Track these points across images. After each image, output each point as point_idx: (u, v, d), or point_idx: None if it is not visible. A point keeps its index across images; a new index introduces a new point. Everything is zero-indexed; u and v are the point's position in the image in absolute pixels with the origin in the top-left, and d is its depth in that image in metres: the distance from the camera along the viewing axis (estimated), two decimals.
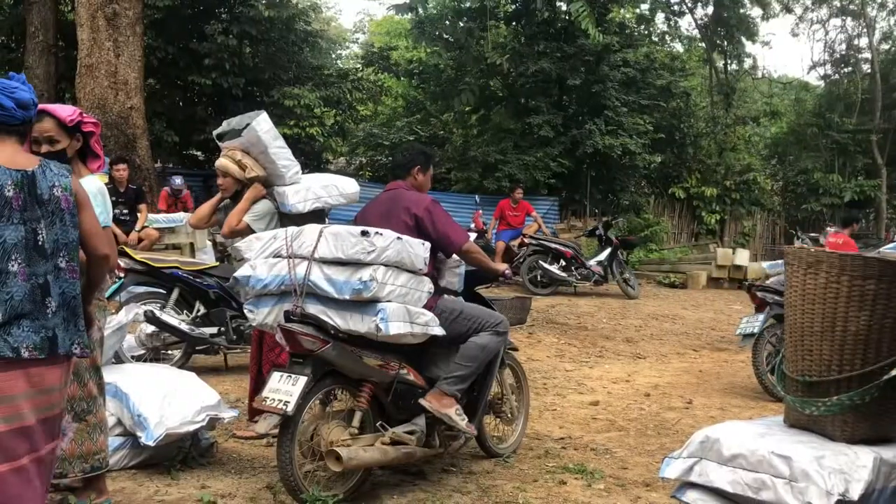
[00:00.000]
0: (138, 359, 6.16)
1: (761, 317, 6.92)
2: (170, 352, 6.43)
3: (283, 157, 5.04)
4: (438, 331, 3.94)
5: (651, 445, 5.29)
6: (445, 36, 18.39)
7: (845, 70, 24.29)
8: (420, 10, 17.42)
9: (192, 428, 4.20)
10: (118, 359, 5.29)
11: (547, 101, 17.80)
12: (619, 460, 4.92)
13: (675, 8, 22.38)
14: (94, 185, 3.57)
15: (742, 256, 16.55)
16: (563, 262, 12.65)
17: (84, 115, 3.58)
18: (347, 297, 3.68)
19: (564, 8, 17.88)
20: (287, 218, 5.05)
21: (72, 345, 2.82)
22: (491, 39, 17.49)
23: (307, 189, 5.07)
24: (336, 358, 3.76)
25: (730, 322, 11.10)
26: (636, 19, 20.55)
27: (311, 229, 3.91)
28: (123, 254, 6.43)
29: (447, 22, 18.34)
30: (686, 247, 19.25)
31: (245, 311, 4.16)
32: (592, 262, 12.80)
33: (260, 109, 5.23)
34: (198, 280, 6.52)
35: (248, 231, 4.92)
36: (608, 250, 13.07)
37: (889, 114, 21.94)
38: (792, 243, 17.21)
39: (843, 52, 24.46)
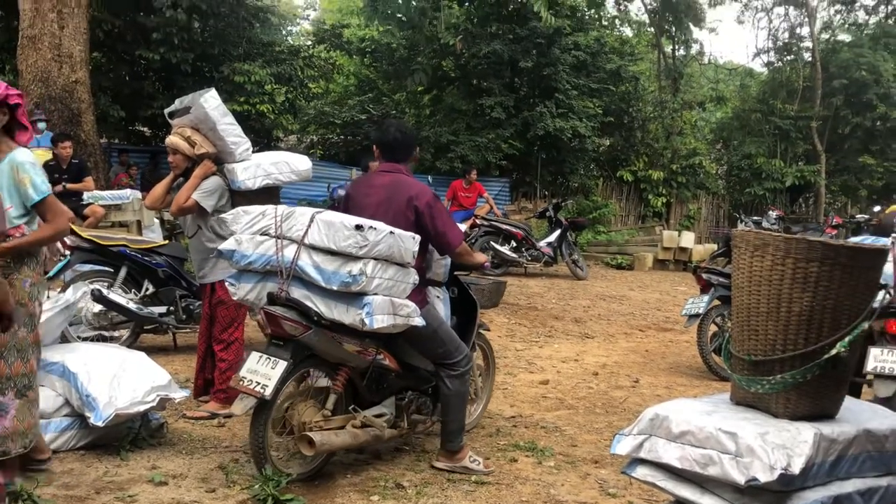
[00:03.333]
0: (85, 339, 6.06)
1: (706, 298, 7.08)
2: (117, 332, 6.34)
3: (232, 133, 5.00)
4: (419, 321, 3.94)
5: (599, 423, 5.40)
6: (398, 15, 18.24)
7: (788, 58, 24.81)
8: None
9: (142, 408, 4.16)
10: (65, 338, 5.19)
11: (499, 82, 17.83)
12: (568, 438, 5.02)
13: None
14: (24, 156, 3.53)
15: (687, 239, 16.87)
16: (513, 243, 12.75)
17: (9, 87, 3.51)
18: (335, 287, 3.63)
19: None
20: (239, 195, 5.01)
21: None
22: (444, 20, 17.42)
23: (257, 166, 5.03)
24: (317, 343, 3.76)
25: (675, 303, 11.34)
26: (587, 3, 20.67)
27: (303, 212, 3.84)
28: (70, 231, 6.29)
29: (400, 1, 18.20)
30: (633, 229, 19.54)
31: (226, 283, 4.13)
32: (542, 244, 12.93)
33: (209, 85, 5.19)
34: (146, 258, 6.42)
35: (198, 208, 4.90)
36: (558, 232, 13.22)
37: (828, 101, 22.50)
38: (736, 226, 17.60)
39: (786, 41, 24.98)
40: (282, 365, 3.68)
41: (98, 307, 6.09)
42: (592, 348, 8.14)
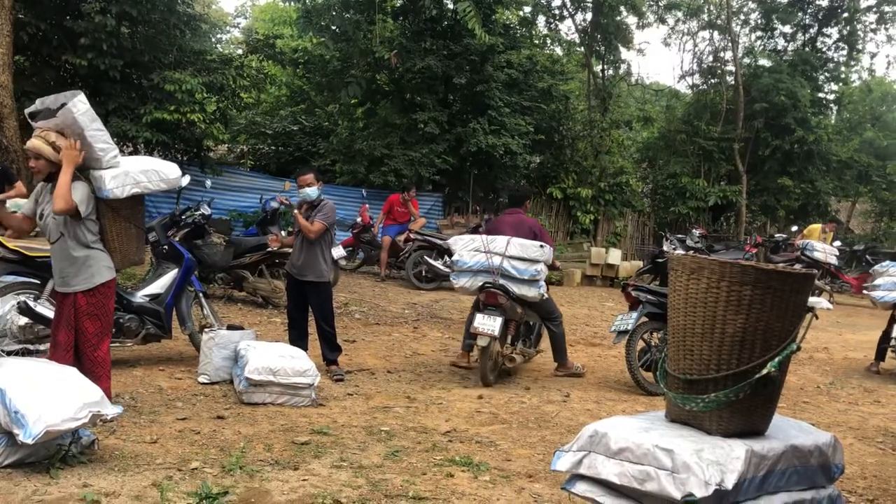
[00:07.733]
0: (10, 353, 5.86)
1: (634, 315, 7.23)
2: (43, 345, 6.13)
3: (101, 139, 4.81)
4: (546, 294, 7.26)
5: (532, 437, 5.49)
6: (333, 27, 18.19)
7: (712, 81, 25.66)
8: (307, 0, 17.19)
9: (73, 425, 4.06)
10: None
11: (433, 98, 17.94)
12: (502, 452, 5.09)
13: (556, 12, 23.08)
14: None
15: (614, 256, 17.25)
16: (447, 258, 12.82)
17: None
18: (526, 277, 6.88)
19: (451, 6, 18.05)
20: (104, 203, 4.85)
21: None
22: (378, 33, 17.45)
23: (126, 174, 4.85)
24: (509, 308, 6.91)
25: (602, 318, 11.58)
26: (519, 21, 20.99)
27: (501, 239, 6.98)
28: None
29: (334, 13, 18.15)
30: (562, 245, 19.85)
31: (451, 279, 7.28)
32: None
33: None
34: None
35: (75, 212, 4.72)
36: None
37: (749, 124, 23.31)
38: (661, 244, 18.07)
39: (711, 64, 25.84)
40: (500, 319, 6.81)
41: (24, 320, 5.90)
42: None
